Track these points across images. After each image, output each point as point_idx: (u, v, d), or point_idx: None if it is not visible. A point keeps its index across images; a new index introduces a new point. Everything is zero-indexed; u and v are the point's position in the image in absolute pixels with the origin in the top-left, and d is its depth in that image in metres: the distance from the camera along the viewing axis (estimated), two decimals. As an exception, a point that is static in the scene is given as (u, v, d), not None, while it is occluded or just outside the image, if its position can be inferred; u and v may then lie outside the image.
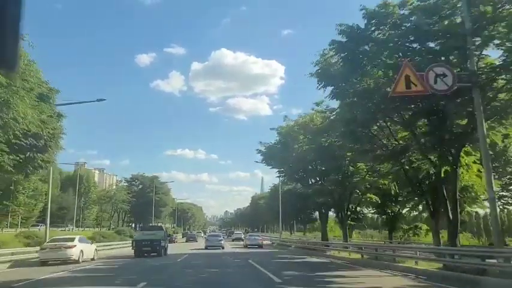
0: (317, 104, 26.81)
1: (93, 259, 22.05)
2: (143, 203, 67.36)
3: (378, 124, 21.70)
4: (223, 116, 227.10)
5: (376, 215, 61.19)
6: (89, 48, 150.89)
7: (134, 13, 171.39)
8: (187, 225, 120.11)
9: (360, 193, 28.85)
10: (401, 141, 21.79)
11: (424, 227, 49.13)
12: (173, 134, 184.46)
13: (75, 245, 20.22)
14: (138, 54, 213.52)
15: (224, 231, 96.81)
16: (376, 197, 28.94)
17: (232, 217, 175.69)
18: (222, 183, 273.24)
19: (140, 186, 72.33)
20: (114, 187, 73.05)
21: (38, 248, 21.37)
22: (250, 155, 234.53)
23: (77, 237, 21.53)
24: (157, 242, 24.48)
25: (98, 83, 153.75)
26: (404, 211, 47.25)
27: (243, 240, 46.55)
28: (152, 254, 24.15)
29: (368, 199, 29.02)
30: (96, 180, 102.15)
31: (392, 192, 28.16)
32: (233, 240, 53.63)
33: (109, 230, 65.59)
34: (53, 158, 22.62)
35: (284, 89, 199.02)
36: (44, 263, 19.35)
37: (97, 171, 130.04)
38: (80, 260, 20.19)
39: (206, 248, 34.95)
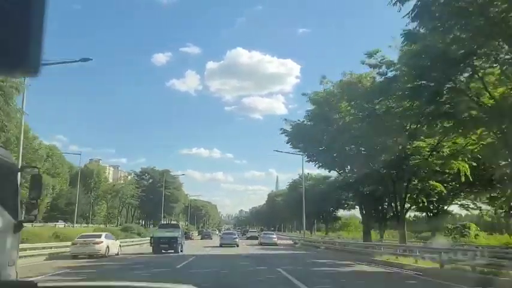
0: (369, 55, 19.05)
1: (117, 254, 22.62)
2: (154, 198, 60.61)
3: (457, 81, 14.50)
4: (238, 115, 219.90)
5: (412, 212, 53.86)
6: (106, 47, 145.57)
7: (151, 13, 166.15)
8: (201, 223, 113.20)
9: (417, 181, 21.26)
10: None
11: (473, 226, 41.10)
12: (189, 133, 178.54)
13: (102, 241, 21.15)
14: (154, 54, 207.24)
15: (239, 230, 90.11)
16: (441, 186, 21.23)
17: (248, 216, 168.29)
18: (237, 182, 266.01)
19: (150, 181, 65.60)
20: (122, 181, 66.38)
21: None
22: (266, 154, 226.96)
23: (104, 234, 22.61)
24: (174, 240, 24.59)
25: (114, 82, 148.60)
26: (449, 207, 39.66)
27: (257, 239, 44.01)
28: (169, 250, 24.26)
29: (431, 188, 21.36)
30: (111, 177, 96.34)
31: (463, 178, 20.45)
32: (247, 239, 50.74)
33: (116, 226, 59.27)
34: (7, 124, 15.82)
35: (300, 88, 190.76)
36: (74, 256, 20.23)
37: (112, 168, 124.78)
38: (106, 255, 20.96)
39: (220, 246, 33.35)
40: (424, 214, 40.82)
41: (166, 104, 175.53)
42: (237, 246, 33.31)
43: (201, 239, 54.97)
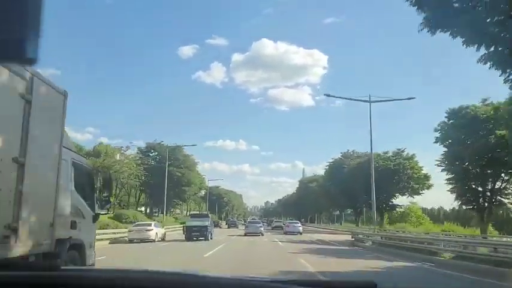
0: None
1: (163, 239, 25.40)
2: (162, 180, 44.74)
3: None
4: (264, 107, 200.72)
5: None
6: (133, 41, 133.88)
7: (177, 5, 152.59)
8: (223, 212, 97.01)
9: None
10: None
11: None
12: (214, 125, 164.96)
13: (152, 229, 24.24)
14: (181, 46, 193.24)
15: (265, 220, 76.49)
16: None
17: (275, 206, 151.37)
18: (263, 174, 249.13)
19: (157, 158, 49.88)
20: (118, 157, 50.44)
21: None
22: (291, 146, 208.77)
23: (153, 223, 26.47)
24: (204, 228, 25.32)
25: (141, 75, 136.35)
26: None
27: (282, 228, 42.31)
28: (200, 238, 24.98)
29: None
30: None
31: None
32: (273, 229, 47.31)
33: (113, 213, 44.46)
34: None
35: (327, 79, 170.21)
36: (131, 241, 23.46)
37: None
38: (155, 240, 23.92)
39: (245, 235, 31.27)
40: None
41: (192, 96, 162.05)
42: (262, 235, 31.64)
43: (228, 227, 55.26)
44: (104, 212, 9.58)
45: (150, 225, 25.20)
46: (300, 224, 39.97)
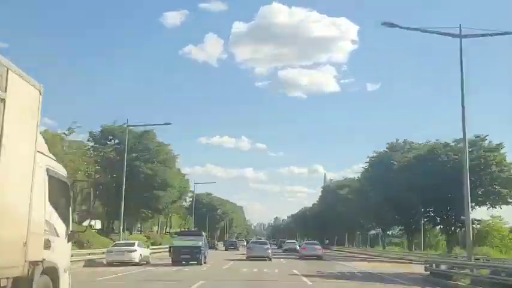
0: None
1: (148, 262, 23.00)
2: (127, 181, 29.27)
3: None
4: (273, 93, 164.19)
5: None
6: (101, 4, 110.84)
7: None
8: (217, 229, 77.78)
9: None
10: None
11: None
12: (209, 117, 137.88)
13: (135, 250, 22.00)
14: (164, 12, 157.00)
15: (273, 242, 63.22)
16: None
17: (287, 223, 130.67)
18: (271, 181, 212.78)
19: (118, 148, 34.35)
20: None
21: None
22: (309, 145, 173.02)
23: (136, 243, 23.64)
24: (197, 250, 22.18)
25: (114, 49, 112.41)
26: None
27: (297, 252, 34.94)
28: (191, 262, 21.82)
29: None
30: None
31: None
32: (284, 251, 39.72)
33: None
34: None
35: (357, 56, 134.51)
36: (109, 264, 21.16)
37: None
38: (140, 263, 21.74)
39: (247, 259, 26.83)
40: None
41: (179, 77, 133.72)
42: (270, 260, 26.24)
43: (226, 249, 46.70)
44: (82, 230, 9.42)
45: (133, 245, 22.90)
46: (319, 246, 33.93)
